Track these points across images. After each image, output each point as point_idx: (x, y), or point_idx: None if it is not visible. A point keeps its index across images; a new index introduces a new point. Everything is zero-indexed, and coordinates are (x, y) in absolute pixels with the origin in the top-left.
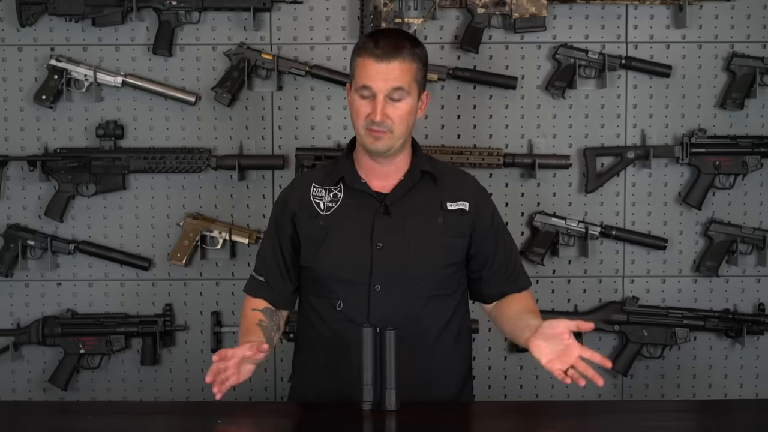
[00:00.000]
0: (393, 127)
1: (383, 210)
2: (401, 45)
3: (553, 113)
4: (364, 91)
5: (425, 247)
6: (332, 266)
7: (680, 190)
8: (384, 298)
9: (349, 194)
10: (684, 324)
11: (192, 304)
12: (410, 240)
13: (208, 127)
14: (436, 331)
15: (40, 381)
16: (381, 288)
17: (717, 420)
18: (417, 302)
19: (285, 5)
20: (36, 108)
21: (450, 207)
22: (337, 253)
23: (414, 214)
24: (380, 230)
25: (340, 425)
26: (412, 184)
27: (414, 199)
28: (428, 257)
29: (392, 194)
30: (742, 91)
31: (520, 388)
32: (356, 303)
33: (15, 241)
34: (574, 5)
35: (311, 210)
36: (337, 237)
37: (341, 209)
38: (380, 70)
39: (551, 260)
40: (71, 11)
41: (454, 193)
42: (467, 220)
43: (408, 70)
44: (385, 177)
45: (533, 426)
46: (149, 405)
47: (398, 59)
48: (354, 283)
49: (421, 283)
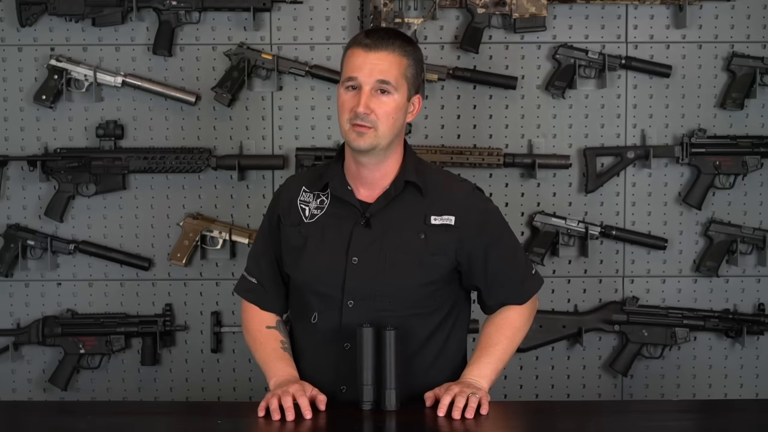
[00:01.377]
0: (377, 124)
1: (364, 222)
2: (392, 39)
3: (553, 113)
4: (349, 83)
5: (401, 264)
6: (308, 277)
7: (680, 190)
8: (356, 314)
9: (334, 202)
10: (684, 324)
11: (192, 304)
12: (386, 256)
13: (208, 127)
14: (412, 348)
15: (40, 381)
16: (354, 304)
17: (717, 420)
18: (390, 321)
19: (285, 5)
20: (36, 108)
21: (434, 221)
22: (313, 264)
23: (395, 228)
24: (357, 244)
25: (340, 425)
26: (394, 194)
27: (397, 212)
28: (404, 275)
29: (374, 205)
30: (742, 91)
31: (520, 388)
32: (328, 317)
33: (15, 241)
34: (574, 5)
35: (295, 216)
36: (314, 247)
37: (324, 218)
38: (368, 60)
39: (551, 260)
40: (71, 11)
41: (440, 206)
42: (452, 237)
43: (396, 64)
44: (371, 185)
45: (533, 426)
46: (149, 405)
47: (387, 50)
48: (327, 296)
49: (395, 301)
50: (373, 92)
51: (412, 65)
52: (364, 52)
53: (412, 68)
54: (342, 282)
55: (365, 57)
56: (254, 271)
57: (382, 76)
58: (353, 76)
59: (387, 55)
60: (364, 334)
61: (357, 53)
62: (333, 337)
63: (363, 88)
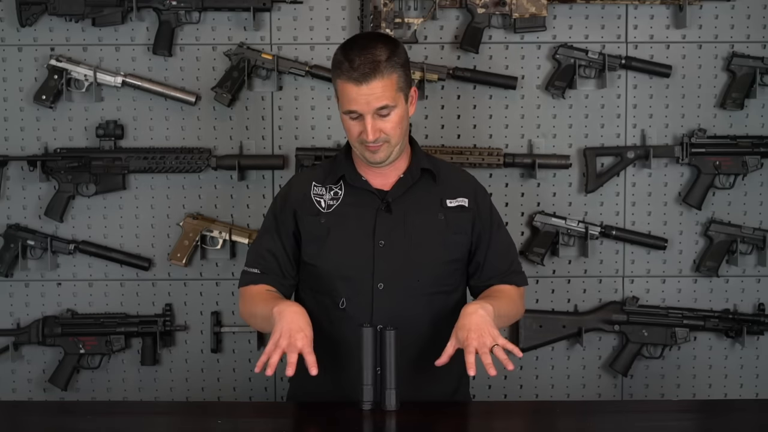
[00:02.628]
0: (389, 138)
1: (385, 207)
2: (377, 60)
3: (553, 113)
4: (351, 114)
5: (427, 243)
6: (335, 264)
7: (680, 190)
8: (387, 296)
9: (350, 192)
10: (684, 324)
11: (192, 304)
12: (412, 237)
13: (208, 127)
14: (437, 327)
15: (40, 381)
16: (384, 286)
17: (717, 420)
18: (419, 299)
19: (285, 5)
20: (36, 108)
21: (450, 204)
22: (339, 251)
23: (415, 211)
24: (382, 228)
25: (340, 425)
26: (412, 182)
27: (414, 197)
28: (430, 254)
29: (393, 191)
30: (742, 91)
31: (520, 388)
32: (359, 301)
33: (15, 241)
34: (574, 5)
35: (312, 208)
36: (339, 235)
37: (343, 207)
38: (362, 93)
39: (551, 260)
40: (71, 11)
41: (453, 190)
42: (468, 216)
43: (389, 86)
44: (384, 175)
45: (533, 426)
46: (149, 405)
47: (377, 78)
48: (356, 280)
49: (423, 280)
50: (375, 116)
51: (402, 74)
52: (355, 87)
53: (402, 77)
54: (371, 265)
55: (358, 91)
56: (256, 263)
57: (379, 103)
58: (352, 109)
59: (378, 83)
60: (364, 334)
61: (349, 87)
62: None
63: (365, 117)
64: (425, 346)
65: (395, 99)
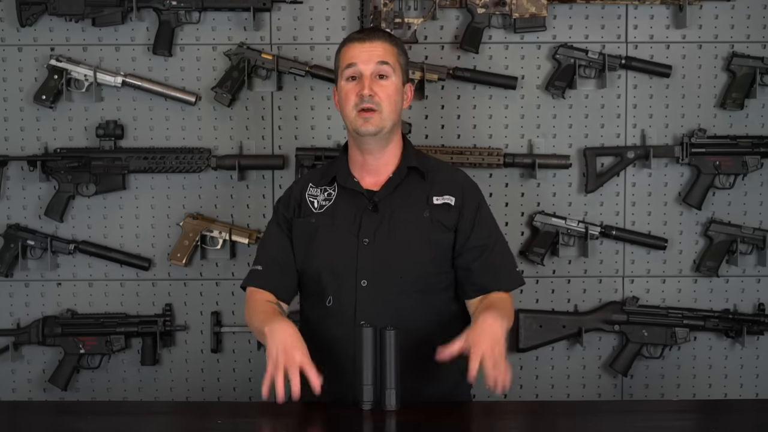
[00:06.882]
0: (381, 106)
1: (372, 207)
2: (381, 32)
3: (553, 113)
4: (349, 70)
5: (411, 241)
6: (321, 262)
7: (680, 190)
8: (370, 293)
9: (342, 193)
10: (684, 324)
11: (192, 304)
12: (396, 235)
13: (208, 127)
14: (425, 326)
15: (40, 381)
16: (367, 283)
17: (717, 420)
18: (403, 297)
19: (285, 5)
20: (36, 108)
21: (436, 201)
22: (325, 248)
23: (401, 209)
24: (367, 226)
25: (340, 425)
26: (400, 180)
27: (402, 196)
28: (414, 251)
29: (381, 191)
30: (742, 91)
31: (520, 388)
32: (344, 298)
33: (15, 241)
34: (574, 5)
35: (306, 209)
36: (326, 233)
37: (333, 207)
38: (364, 49)
39: (551, 260)
40: (71, 11)
41: (440, 187)
42: (453, 215)
43: (391, 51)
44: (375, 173)
45: (533, 426)
46: (149, 405)
47: (379, 40)
48: (341, 278)
49: (406, 277)
50: (373, 77)
51: (402, 55)
52: (359, 44)
53: (402, 57)
54: (355, 263)
55: (361, 47)
56: (261, 258)
57: (381, 58)
58: (353, 62)
59: (380, 43)
60: (364, 334)
61: (352, 46)
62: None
63: (364, 74)
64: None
65: (394, 65)
